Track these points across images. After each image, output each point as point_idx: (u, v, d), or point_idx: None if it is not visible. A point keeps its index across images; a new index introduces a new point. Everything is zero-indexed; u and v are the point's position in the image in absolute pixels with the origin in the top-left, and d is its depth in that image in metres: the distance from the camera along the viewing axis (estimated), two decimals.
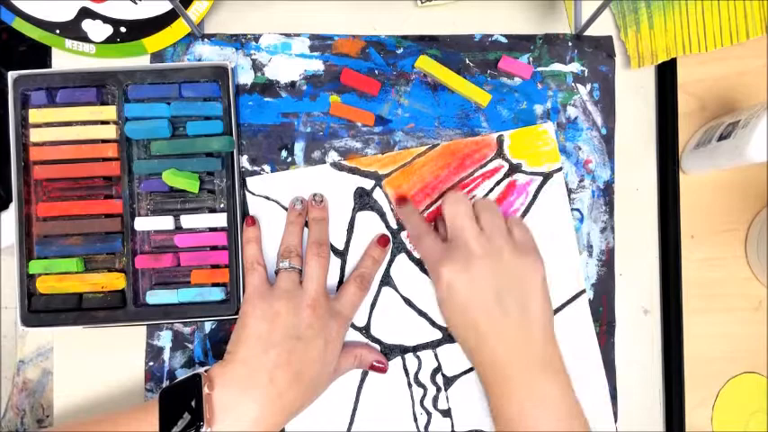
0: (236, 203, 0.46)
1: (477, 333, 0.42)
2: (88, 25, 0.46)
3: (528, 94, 0.49)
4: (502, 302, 0.41)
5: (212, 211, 0.46)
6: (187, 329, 0.47)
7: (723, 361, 0.50)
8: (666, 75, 0.49)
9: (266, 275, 0.45)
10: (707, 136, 0.47)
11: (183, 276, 0.46)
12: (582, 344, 0.48)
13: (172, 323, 0.47)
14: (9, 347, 0.49)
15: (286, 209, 0.47)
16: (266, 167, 0.48)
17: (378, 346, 0.47)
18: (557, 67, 0.49)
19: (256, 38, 0.48)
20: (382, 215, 0.48)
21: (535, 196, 0.48)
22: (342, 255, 0.48)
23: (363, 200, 0.48)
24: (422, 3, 0.49)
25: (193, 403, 0.39)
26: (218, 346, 0.47)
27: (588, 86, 0.49)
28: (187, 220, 0.45)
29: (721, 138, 0.45)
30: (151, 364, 0.47)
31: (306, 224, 0.47)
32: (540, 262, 0.44)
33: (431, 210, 0.48)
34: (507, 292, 0.42)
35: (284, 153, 0.48)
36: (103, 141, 0.45)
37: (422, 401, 0.47)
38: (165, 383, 0.47)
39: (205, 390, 0.39)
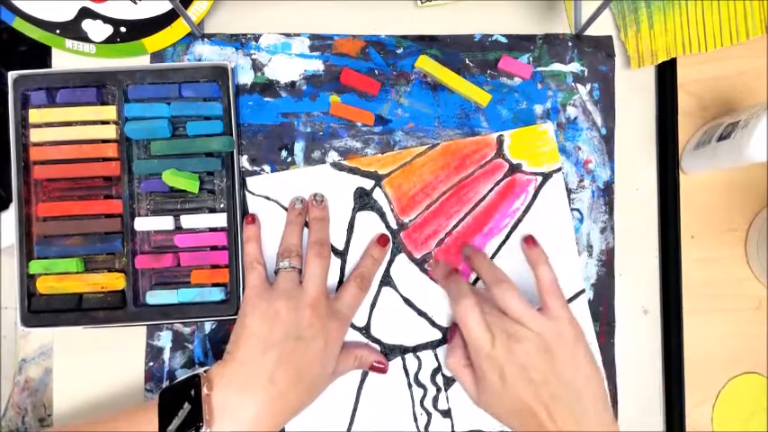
0: (236, 203, 0.46)
1: (532, 422, 0.40)
2: (88, 25, 0.46)
3: (528, 94, 0.49)
4: (553, 388, 0.40)
5: (212, 211, 0.46)
6: (187, 329, 0.47)
7: (723, 361, 0.50)
8: (666, 75, 0.49)
9: (266, 274, 0.45)
10: (707, 136, 0.47)
11: (183, 276, 0.46)
12: None
13: (172, 323, 0.47)
14: (9, 347, 0.49)
15: (286, 209, 0.47)
16: (266, 167, 0.48)
17: (378, 347, 0.47)
18: (556, 67, 0.49)
19: (256, 38, 0.48)
20: (382, 215, 0.48)
21: (535, 196, 0.48)
22: (342, 255, 0.48)
23: (363, 200, 0.48)
24: (422, 3, 0.49)
25: (192, 393, 0.39)
26: (218, 346, 0.47)
27: (588, 86, 0.49)
28: (187, 220, 0.45)
29: (721, 138, 0.45)
30: (151, 364, 0.47)
31: (306, 224, 0.47)
32: (575, 328, 0.42)
33: (430, 209, 0.48)
34: (556, 377, 0.40)
35: (284, 153, 0.48)
36: (103, 141, 0.45)
37: (422, 402, 0.47)
38: (165, 384, 0.47)
39: (204, 390, 0.39)
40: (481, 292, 0.45)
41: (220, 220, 0.45)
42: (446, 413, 0.47)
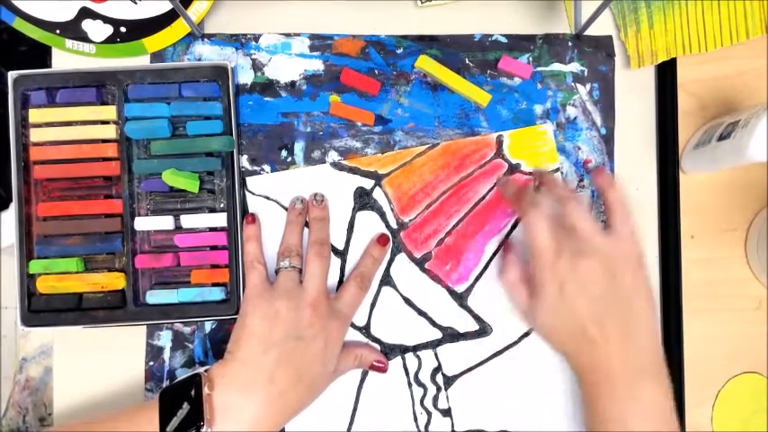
0: (236, 203, 0.46)
1: (582, 338, 0.40)
2: (88, 25, 0.46)
3: (528, 94, 0.49)
4: (609, 307, 0.40)
5: (212, 210, 0.46)
6: (187, 329, 0.47)
7: (723, 361, 0.50)
8: (666, 75, 0.49)
9: (266, 274, 0.45)
10: (707, 136, 0.47)
11: (183, 276, 0.46)
12: None
13: (172, 323, 0.47)
14: (9, 347, 0.49)
15: (286, 208, 0.47)
16: (266, 167, 0.48)
17: (378, 346, 0.47)
18: (556, 66, 0.49)
19: (256, 38, 0.48)
20: (382, 215, 0.48)
21: None
22: (342, 254, 0.48)
23: (363, 199, 0.48)
24: (422, 3, 0.49)
25: (193, 393, 0.39)
26: (218, 346, 0.47)
27: (588, 86, 0.49)
28: (187, 220, 0.45)
29: (721, 138, 0.45)
30: (151, 363, 0.47)
31: (306, 224, 0.47)
32: (639, 251, 0.42)
33: (430, 209, 0.48)
34: (614, 296, 0.40)
35: (284, 153, 0.48)
36: (103, 141, 0.45)
37: (422, 401, 0.47)
38: (165, 383, 0.47)
39: (205, 390, 0.39)
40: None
41: (220, 219, 0.45)
42: (446, 412, 0.47)
